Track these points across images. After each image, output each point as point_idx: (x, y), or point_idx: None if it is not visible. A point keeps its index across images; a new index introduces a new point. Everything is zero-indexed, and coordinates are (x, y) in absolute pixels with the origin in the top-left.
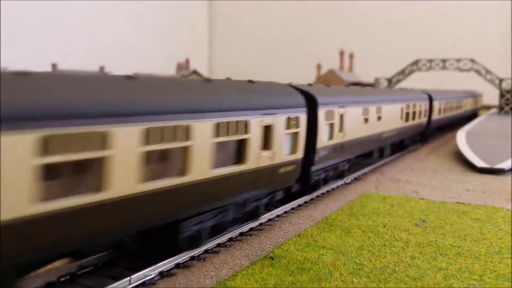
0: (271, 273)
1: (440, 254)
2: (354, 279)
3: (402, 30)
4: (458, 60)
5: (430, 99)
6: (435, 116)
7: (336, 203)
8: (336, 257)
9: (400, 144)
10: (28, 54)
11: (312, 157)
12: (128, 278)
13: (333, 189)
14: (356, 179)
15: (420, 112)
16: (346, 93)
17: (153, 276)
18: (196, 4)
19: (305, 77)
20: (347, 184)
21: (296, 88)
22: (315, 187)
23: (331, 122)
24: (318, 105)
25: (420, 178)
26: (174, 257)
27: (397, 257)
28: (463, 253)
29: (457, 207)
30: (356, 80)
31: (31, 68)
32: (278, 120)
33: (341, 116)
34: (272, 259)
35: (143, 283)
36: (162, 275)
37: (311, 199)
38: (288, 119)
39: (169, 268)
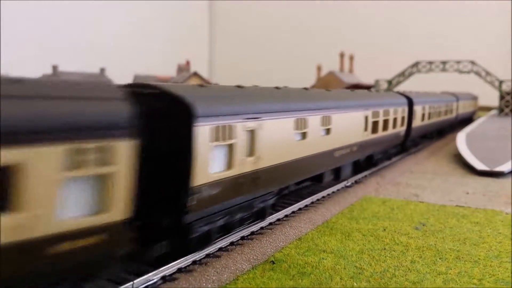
0: (272, 277)
1: (439, 258)
2: (355, 284)
3: (402, 32)
4: (458, 62)
5: (410, 103)
6: (417, 123)
7: (337, 206)
8: (336, 261)
9: (369, 161)
10: (29, 55)
11: (185, 200)
12: (131, 282)
13: (333, 192)
14: (356, 182)
15: (395, 119)
16: (263, 97)
17: (155, 280)
18: (197, 5)
19: (306, 78)
20: (347, 187)
21: (166, 93)
22: (202, 243)
23: (228, 142)
24: (192, 117)
25: (420, 181)
26: (176, 262)
27: (397, 261)
28: (462, 257)
29: (457, 210)
30: (357, 82)
31: (31, 69)
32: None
33: (252, 133)
34: (273, 263)
35: None
36: (164, 279)
37: (312, 203)
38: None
39: (171, 272)
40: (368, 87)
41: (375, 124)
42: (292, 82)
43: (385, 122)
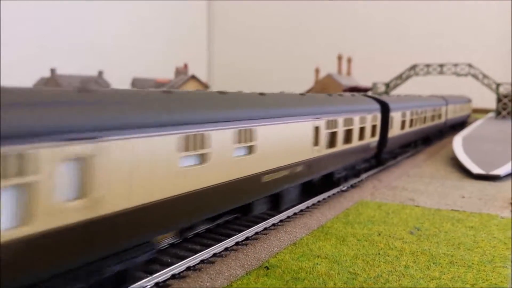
0: (266, 283)
1: (433, 263)
2: None
3: (400, 35)
4: (456, 65)
5: (386, 110)
6: (396, 132)
7: (332, 211)
8: (330, 266)
9: (327, 180)
10: (27, 57)
11: None
12: None
13: (329, 196)
14: (352, 186)
15: (362, 129)
16: (113, 105)
17: (149, 287)
18: (195, 7)
19: (304, 80)
20: (343, 191)
21: None
22: None
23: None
24: None
25: (417, 185)
26: (170, 268)
27: (391, 266)
28: (456, 262)
29: (452, 214)
30: (355, 85)
31: (30, 71)
32: None
33: (83, 162)
34: (267, 268)
35: None
36: (158, 286)
37: (307, 207)
38: None
39: (165, 279)
40: (366, 90)
41: (332, 136)
42: (290, 84)
43: (348, 132)
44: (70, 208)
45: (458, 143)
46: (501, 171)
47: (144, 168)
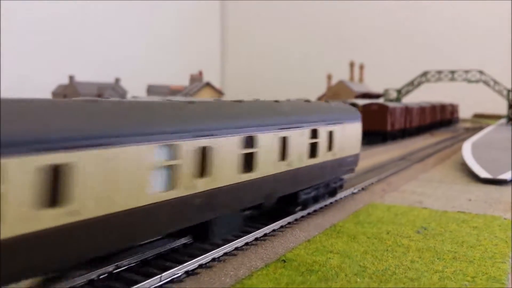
0: (283, 274)
1: (437, 259)
2: (358, 279)
3: (411, 42)
4: (467, 72)
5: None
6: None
7: (343, 212)
8: (342, 260)
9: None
10: (46, 66)
11: None
12: (159, 276)
13: (340, 198)
14: (363, 189)
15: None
16: None
17: (180, 274)
18: (209, 17)
19: (316, 87)
20: (354, 194)
21: None
22: None
23: None
24: None
25: (425, 189)
26: (197, 258)
27: (398, 261)
28: (459, 258)
29: (458, 216)
30: (366, 91)
31: (48, 80)
32: None
33: None
34: (284, 261)
35: (172, 281)
36: (187, 273)
37: (320, 208)
38: None
39: (193, 268)
40: (377, 96)
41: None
42: (302, 91)
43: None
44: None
45: (467, 148)
46: (508, 175)
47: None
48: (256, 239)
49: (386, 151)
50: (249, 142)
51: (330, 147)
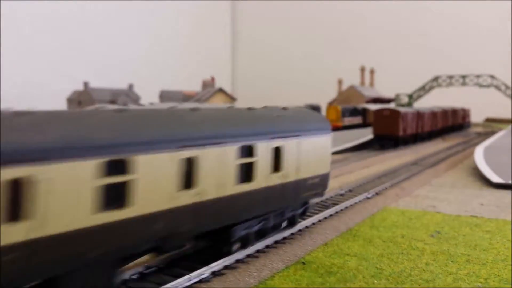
0: (303, 275)
1: (451, 261)
2: (375, 281)
3: (423, 46)
4: (478, 76)
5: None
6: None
7: (359, 216)
8: (359, 262)
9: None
10: (60, 72)
11: None
12: (188, 276)
13: (355, 203)
14: (377, 193)
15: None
16: None
17: (207, 275)
18: (219, 22)
19: (327, 92)
20: (368, 198)
21: None
22: None
23: None
24: None
25: (438, 193)
26: (223, 260)
27: (413, 263)
28: (472, 260)
29: (471, 220)
30: (377, 96)
31: (64, 85)
32: None
33: None
34: (304, 263)
35: (200, 281)
36: (214, 274)
37: (336, 212)
38: None
39: (219, 268)
40: (389, 101)
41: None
42: (313, 96)
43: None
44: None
45: (479, 153)
46: None
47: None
48: (276, 242)
49: (398, 156)
50: (119, 168)
51: (277, 167)
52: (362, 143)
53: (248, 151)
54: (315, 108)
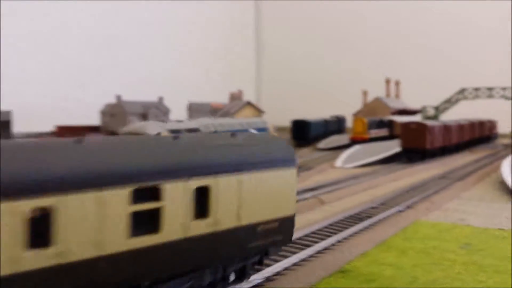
0: (344, 283)
1: (481, 271)
2: None
3: (449, 58)
4: (504, 89)
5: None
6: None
7: (392, 228)
8: (395, 272)
9: None
10: (93, 87)
11: None
12: (247, 279)
13: (388, 216)
14: (408, 207)
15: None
16: None
17: (261, 280)
18: (244, 34)
19: (352, 104)
20: (400, 211)
21: None
22: None
23: None
24: None
25: (466, 207)
26: (272, 266)
27: (445, 273)
28: (501, 271)
29: (498, 233)
30: (403, 108)
31: (96, 99)
32: None
33: None
34: (344, 272)
35: (256, 285)
36: (268, 279)
37: (370, 225)
38: None
39: (271, 274)
40: (415, 112)
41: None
42: (338, 108)
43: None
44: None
45: (506, 166)
46: None
47: None
48: (318, 252)
49: (426, 169)
50: None
51: (203, 212)
52: (390, 156)
53: (149, 194)
54: (340, 120)
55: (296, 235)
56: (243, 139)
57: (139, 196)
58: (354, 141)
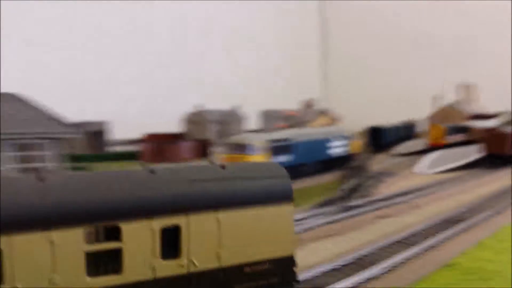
0: (451, 275)
1: None
2: None
3: None
4: None
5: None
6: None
7: (484, 231)
8: (495, 267)
9: None
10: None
11: None
12: (351, 278)
13: (479, 220)
14: (498, 212)
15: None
16: None
17: (376, 273)
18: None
19: (424, 109)
20: (490, 216)
21: None
22: None
23: None
24: None
25: None
26: (381, 263)
27: None
28: None
29: None
30: (478, 112)
31: (182, 108)
32: None
33: None
34: (450, 266)
35: (366, 280)
36: (388, 271)
37: (464, 228)
38: None
39: (381, 272)
40: (490, 117)
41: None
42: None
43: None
44: None
45: None
46: None
47: None
48: (425, 249)
49: (510, 174)
50: None
51: (173, 253)
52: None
53: (110, 234)
54: (410, 126)
55: (401, 235)
56: (231, 172)
57: (97, 235)
58: (432, 147)
